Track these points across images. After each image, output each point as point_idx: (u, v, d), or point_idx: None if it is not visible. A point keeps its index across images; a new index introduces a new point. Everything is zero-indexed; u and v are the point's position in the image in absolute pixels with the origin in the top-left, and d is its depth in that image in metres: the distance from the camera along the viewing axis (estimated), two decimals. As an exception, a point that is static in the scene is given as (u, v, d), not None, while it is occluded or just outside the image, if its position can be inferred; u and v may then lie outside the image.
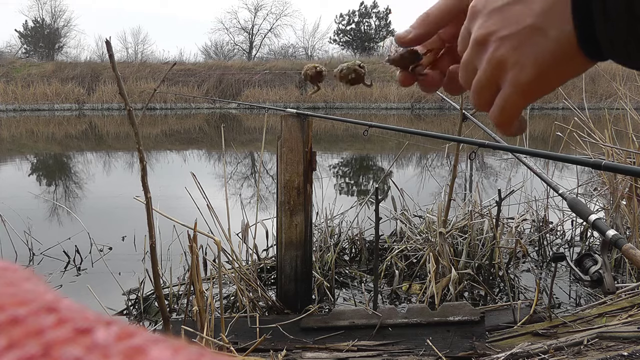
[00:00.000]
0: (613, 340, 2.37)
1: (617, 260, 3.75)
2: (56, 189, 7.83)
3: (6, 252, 4.06)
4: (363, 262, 4.08)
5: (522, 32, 0.37)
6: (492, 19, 0.38)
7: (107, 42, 1.59)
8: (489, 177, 7.47)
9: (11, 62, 28.84)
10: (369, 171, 10.00)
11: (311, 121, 2.95)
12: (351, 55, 36.44)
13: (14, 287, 0.16)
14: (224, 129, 3.80)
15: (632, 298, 2.91)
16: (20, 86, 24.81)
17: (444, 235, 3.22)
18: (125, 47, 39.00)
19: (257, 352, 2.46)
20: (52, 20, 36.81)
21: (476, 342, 2.51)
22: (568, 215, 4.43)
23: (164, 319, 1.88)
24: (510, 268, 3.92)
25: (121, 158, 11.51)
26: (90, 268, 4.03)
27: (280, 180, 2.98)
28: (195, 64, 29.89)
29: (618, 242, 0.98)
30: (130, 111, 1.66)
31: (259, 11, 39.54)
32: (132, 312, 3.28)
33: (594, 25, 0.33)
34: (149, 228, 1.74)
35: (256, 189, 4.29)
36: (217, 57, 37.21)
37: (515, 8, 0.37)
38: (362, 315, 2.68)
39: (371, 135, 2.66)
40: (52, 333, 0.13)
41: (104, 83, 25.39)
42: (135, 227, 4.41)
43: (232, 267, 3.10)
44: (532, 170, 1.32)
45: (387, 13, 38.79)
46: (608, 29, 0.32)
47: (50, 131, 17.65)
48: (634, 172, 1.38)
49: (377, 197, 2.88)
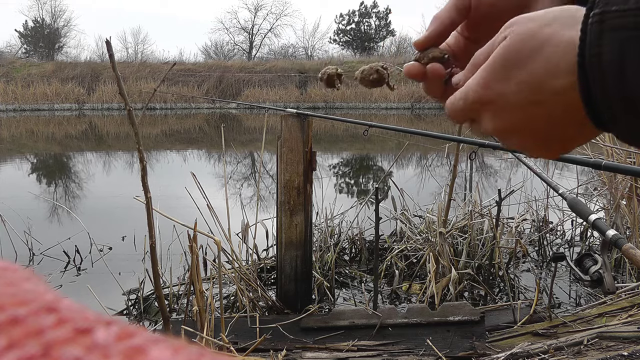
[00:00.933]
0: (613, 340, 2.37)
1: (617, 260, 3.75)
2: (56, 189, 7.83)
3: (6, 252, 4.06)
4: (363, 262, 4.08)
5: (535, 135, 0.39)
6: (507, 110, 0.38)
7: (107, 42, 1.59)
8: (489, 177, 7.47)
9: (11, 62, 28.84)
10: (369, 171, 10.00)
11: (311, 121, 2.95)
12: (351, 55, 36.43)
13: (14, 287, 0.16)
14: (224, 129, 3.80)
15: (632, 298, 2.91)
16: (20, 86, 24.81)
17: (444, 235, 3.22)
18: (125, 47, 39.03)
19: (257, 352, 2.46)
20: (52, 20, 36.83)
21: (476, 342, 2.51)
22: (568, 215, 4.43)
23: (164, 319, 1.88)
24: (510, 268, 3.92)
25: (121, 158, 11.51)
26: (90, 268, 4.03)
27: (280, 180, 2.98)
28: (195, 64, 29.89)
29: (618, 242, 0.98)
30: (130, 111, 1.66)
31: (259, 11, 39.58)
32: (132, 312, 3.28)
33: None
34: (149, 228, 1.74)
35: (256, 189, 4.29)
36: (217, 57, 37.21)
37: (534, 111, 0.37)
38: (362, 315, 2.68)
39: (371, 135, 2.67)
40: (52, 333, 0.13)
41: (104, 83, 25.39)
42: (135, 227, 4.41)
43: (232, 267, 3.10)
44: (532, 170, 1.32)
45: (387, 13, 38.79)
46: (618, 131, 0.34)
47: (50, 131, 17.65)
48: (634, 172, 1.38)
49: (377, 197, 2.88)
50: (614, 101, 0.32)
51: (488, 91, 0.38)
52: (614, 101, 0.32)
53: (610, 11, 0.31)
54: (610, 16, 0.31)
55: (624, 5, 0.30)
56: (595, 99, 0.33)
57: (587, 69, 0.32)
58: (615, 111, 0.32)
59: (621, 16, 0.30)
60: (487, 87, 0.38)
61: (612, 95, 0.31)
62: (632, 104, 0.31)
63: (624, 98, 0.31)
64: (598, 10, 0.31)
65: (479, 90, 0.39)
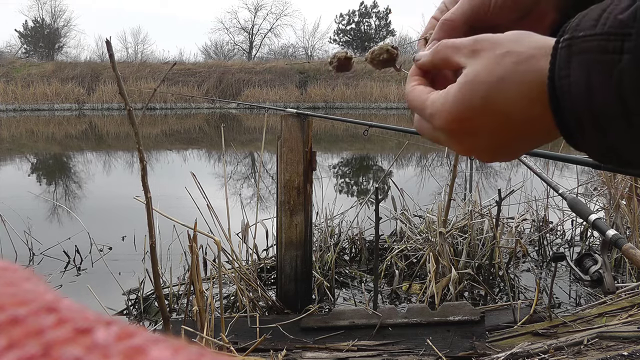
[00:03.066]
0: (613, 340, 2.37)
1: (617, 260, 3.75)
2: (56, 189, 7.83)
3: (6, 252, 4.06)
4: (363, 262, 4.08)
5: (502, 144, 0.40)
6: (477, 136, 0.39)
7: (107, 42, 1.59)
8: (489, 177, 7.47)
9: (11, 62, 28.83)
10: (369, 171, 10.00)
11: (311, 121, 2.95)
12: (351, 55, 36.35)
13: (14, 287, 0.16)
14: (224, 128, 3.80)
15: (632, 298, 2.91)
16: (20, 86, 24.80)
17: (444, 235, 3.22)
18: (125, 47, 39.05)
19: (257, 352, 2.46)
20: (52, 20, 36.83)
21: (476, 342, 2.51)
22: (568, 215, 4.43)
23: (164, 319, 1.88)
24: (510, 268, 3.92)
25: (121, 158, 11.51)
26: (90, 268, 4.03)
27: (280, 180, 2.98)
28: (195, 64, 29.89)
29: (618, 242, 0.98)
30: (130, 111, 1.66)
31: (259, 11, 39.58)
32: (132, 312, 3.28)
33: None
34: (149, 228, 1.74)
35: (256, 189, 4.29)
36: (217, 57, 37.22)
37: (505, 134, 0.38)
38: (362, 315, 2.68)
39: (371, 135, 2.66)
40: (52, 333, 0.13)
41: (104, 83, 25.38)
42: (135, 227, 4.41)
43: (232, 267, 3.10)
44: (532, 170, 1.32)
45: (387, 13, 38.80)
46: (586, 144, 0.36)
47: (50, 131, 17.65)
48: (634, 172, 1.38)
49: (377, 197, 2.88)
50: (582, 115, 0.34)
51: (455, 124, 0.39)
52: (582, 115, 0.34)
53: (578, 37, 0.33)
54: (578, 41, 0.33)
55: (590, 31, 0.33)
56: (565, 114, 0.35)
57: (556, 87, 0.34)
58: (584, 124, 0.34)
59: (587, 41, 0.33)
60: (455, 121, 0.39)
61: (580, 110, 0.33)
62: (596, 118, 0.33)
63: (590, 111, 0.33)
64: (567, 36, 0.34)
65: (446, 124, 0.40)
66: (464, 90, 0.38)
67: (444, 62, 0.42)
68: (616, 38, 0.31)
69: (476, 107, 0.37)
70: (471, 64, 0.38)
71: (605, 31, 0.32)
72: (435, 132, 0.42)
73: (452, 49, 0.40)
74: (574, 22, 0.34)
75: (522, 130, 0.37)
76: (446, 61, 0.41)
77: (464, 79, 0.38)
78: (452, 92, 0.39)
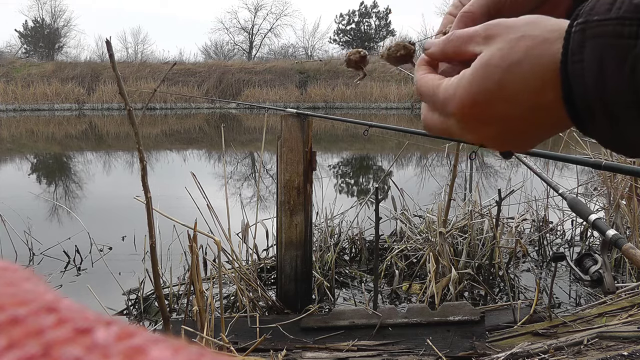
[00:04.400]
0: (613, 340, 2.37)
1: (617, 260, 3.75)
2: (56, 189, 7.83)
3: (6, 252, 4.06)
4: (363, 262, 4.08)
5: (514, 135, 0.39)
6: (489, 124, 0.39)
7: (107, 42, 1.59)
8: (489, 177, 7.48)
9: (11, 62, 28.83)
10: (369, 171, 10.00)
11: (311, 121, 2.95)
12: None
13: (14, 287, 0.16)
14: (224, 128, 3.80)
15: (632, 298, 2.91)
16: (20, 86, 24.80)
17: (444, 235, 3.22)
18: (125, 47, 39.01)
19: (257, 352, 2.46)
20: (52, 20, 36.81)
21: (476, 342, 2.51)
22: (568, 215, 4.43)
23: (164, 319, 1.88)
24: (510, 268, 3.92)
25: (121, 158, 11.51)
26: (90, 268, 4.03)
27: (280, 180, 2.98)
28: (195, 64, 29.88)
29: (618, 242, 0.98)
30: (130, 111, 1.66)
31: (259, 11, 39.55)
32: (132, 312, 3.28)
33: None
34: (149, 228, 1.74)
35: (256, 189, 4.29)
36: (217, 57, 37.19)
37: (518, 122, 0.38)
38: (362, 315, 2.68)
39: (371, 135, 2.66)
40: (52, 333, 0.13)
41: (104, 83, 25.37)
42: (135, 227, 4.41)
43: (232, 267, 3.10)
44: (532, 170, 1.32)
45: (387, 13, 38.78)
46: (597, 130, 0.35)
47: (50, 131, 17.65)
48: (634, 172, 1.38)
49: (377, 197, 2.88)
50: (594, 101, 0.33)
51: (468, 109, 0.38)
52: (594, 101, 0.33)
53: (592, 21, 0.33)
54: (592, 25, 0.33)
55: (605, 15, 0.32)
56: (576, 100, 0.34)
57: (569, 72, 0.33)
58: (595, 111, 0.33)
59: (601, 25, 0.32)
60: (469, 106, 0.38)
61: (591, 96, 0.33)
62: (607, 106, 0.33)
63: (602, 99, 0.33)
64: (581, 20, 0.33)
65: (459, 109, 0.39)
66: (479, 74, 0.37)
67: (455, 52, 0.41)
68: (631, 23, 0.31)
69: (491, 90, 0.37)
70: (486, 49, 0.37)
71: (621, 15, 0.31)
72: (447, 120, 0.41)
73: (466, 37, 0.40)
74: (588, 5, 0.34)
75: (534, 117, 0.37)
76: (458, 50, 0.40)
77: (478, 63, 0.37)
78: (466, 76, 0.38)
